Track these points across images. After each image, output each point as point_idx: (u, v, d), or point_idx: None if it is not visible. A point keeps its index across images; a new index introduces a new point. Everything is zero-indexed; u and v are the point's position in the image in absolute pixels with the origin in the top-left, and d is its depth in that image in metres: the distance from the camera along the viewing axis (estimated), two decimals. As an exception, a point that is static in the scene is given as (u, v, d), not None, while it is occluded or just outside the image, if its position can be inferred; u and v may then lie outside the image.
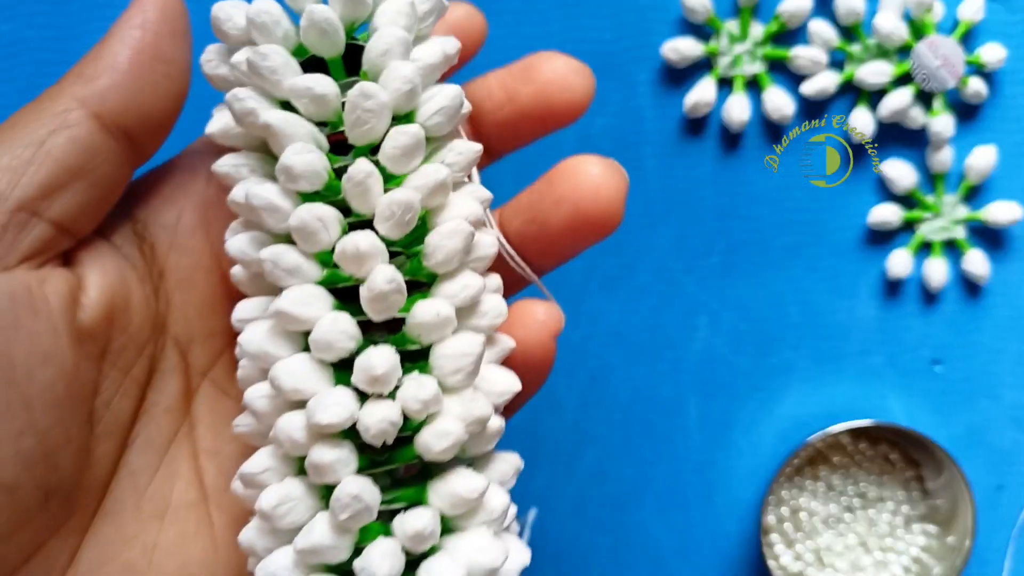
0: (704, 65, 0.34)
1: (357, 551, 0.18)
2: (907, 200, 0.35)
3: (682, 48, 0.33)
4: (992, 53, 0.33)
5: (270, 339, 0.18)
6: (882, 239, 0.35)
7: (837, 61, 0.34)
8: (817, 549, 0.36)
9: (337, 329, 0.18)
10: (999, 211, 0.34)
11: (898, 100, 0.33)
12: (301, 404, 0.18)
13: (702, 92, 0.34)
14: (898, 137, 0.35)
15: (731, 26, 0.34)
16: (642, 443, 0.36)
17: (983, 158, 0.34)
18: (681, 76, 0.34)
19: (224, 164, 0.19)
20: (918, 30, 0.33)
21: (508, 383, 0.20)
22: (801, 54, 0.33)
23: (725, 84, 0.34)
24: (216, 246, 0.21)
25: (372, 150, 0.19)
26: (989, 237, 0.35)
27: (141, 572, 0.20)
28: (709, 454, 0.36)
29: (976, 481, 0.35)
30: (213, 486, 0.21)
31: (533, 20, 0.34)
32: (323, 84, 0.18)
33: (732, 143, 0.35)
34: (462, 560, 0.18)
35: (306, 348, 0.18)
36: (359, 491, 0.17)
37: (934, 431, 0.35)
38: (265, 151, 0.19)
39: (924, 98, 0.34)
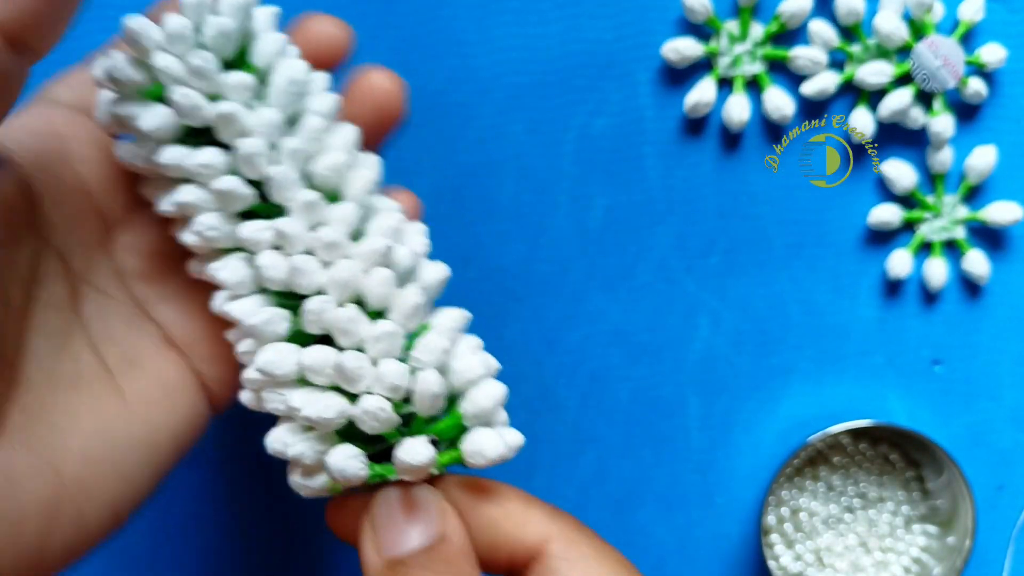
0: (704, 65, 0.34)
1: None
2: (907, 200, 0.35)
3: (682, 48, 0.33)
4: (992, 53, 0.33)
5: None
6: (882, 239, 0.35)
7: (837, 61, 0.34)
8: (817, 549, 0.36)
9: None
10: (999, 211, 0.34)
11: (898, 100, 0.33)
12: None
13: (702, 92, 0.34)
14: (898, 137, 0.35)
15: (731, 26, 0.34)
16: (642, 443, 0.36)
17: (983, 158, 0.34)
18: (681, 76, 0.34)
19: (169, 202, 0.23)
20: (918, 30, 0.33)
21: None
22: (801, 54, 0.33)
23: (725, 84, 0.34)
24: (78, 170, 0.24)
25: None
26: (989, 237, 0.35)
27: (64, 429, 0.22)
28: (709, 454, 0.36)
29: (976, 481, 0.35)
30: (116, 365, 0.24)
31: (533, 20, 0.33)
32: (250, 78, 0.23)
33: (732, 143, 0.35)
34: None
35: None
36: None
37: (934, 431, 0.35)
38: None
39: (924, 98, 0.34)
